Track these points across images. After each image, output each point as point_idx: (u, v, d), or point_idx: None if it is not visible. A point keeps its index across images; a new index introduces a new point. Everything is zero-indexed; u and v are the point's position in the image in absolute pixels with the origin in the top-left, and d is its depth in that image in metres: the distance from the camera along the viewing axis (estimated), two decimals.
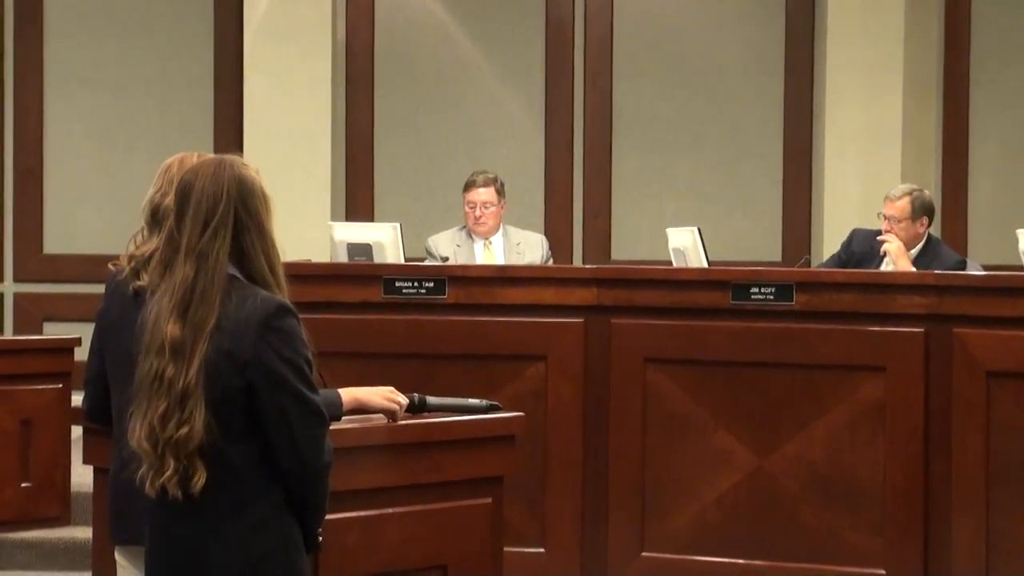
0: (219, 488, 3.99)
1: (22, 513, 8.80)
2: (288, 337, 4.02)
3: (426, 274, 8.26)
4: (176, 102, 12.15)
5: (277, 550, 4.05)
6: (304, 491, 4.10)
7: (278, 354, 3.99)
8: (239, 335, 3.98)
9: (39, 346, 9.37)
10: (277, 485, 4.05)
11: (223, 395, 3.97)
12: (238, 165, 4.12)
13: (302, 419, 4.03)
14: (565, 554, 8.02)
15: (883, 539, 7.68)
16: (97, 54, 12.31)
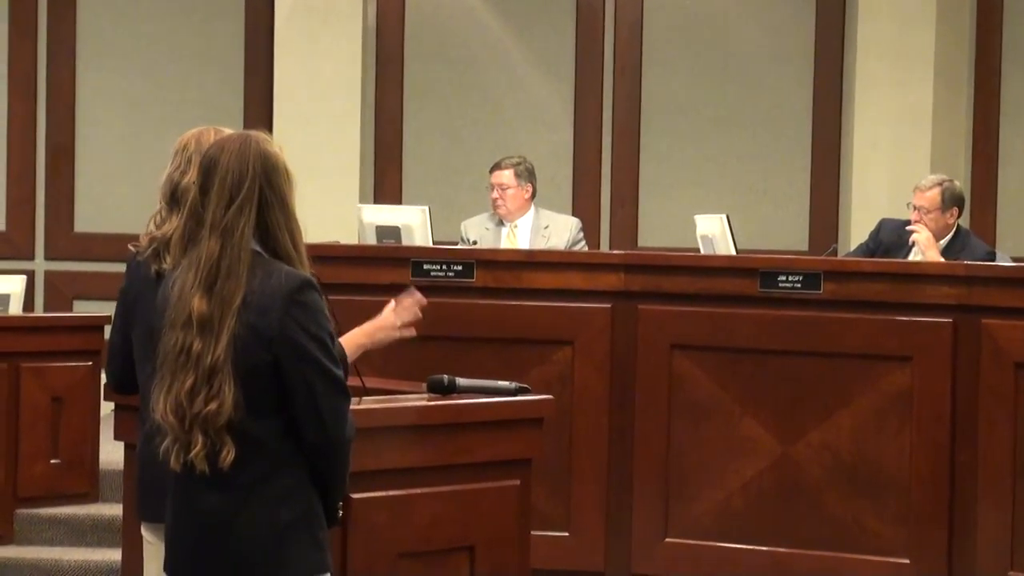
0: (245, 462, 4.03)
1: (51, 489, 8.86)
2: (313, 312, 4.06)
3: (454, 257, 8.27)
4: (207, 82, 12.19)
5: (300, 522, 4.08)
6: (327, 464, 4.12)
7: (304, 328, 4.03)
8: (265, 310, 4.01)
9: (70, 324, 9.47)
10: (300, 459, 4.08)
11: (250, 370, 4.01)
12: (262, 141, 4.16)
13: (327, 392, 4.06)
14: (589, 538, 8.04)
15: (907, 528, 7.69)
16: (129, 33, 12.35)
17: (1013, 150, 11.65)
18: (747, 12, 12.11)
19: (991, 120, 11.72)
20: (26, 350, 8.92)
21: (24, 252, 12.29)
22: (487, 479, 5.13)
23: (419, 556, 4.97)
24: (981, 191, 11.49)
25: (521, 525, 5.21)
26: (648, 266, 8.31)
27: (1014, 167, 11.65)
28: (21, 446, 8.80)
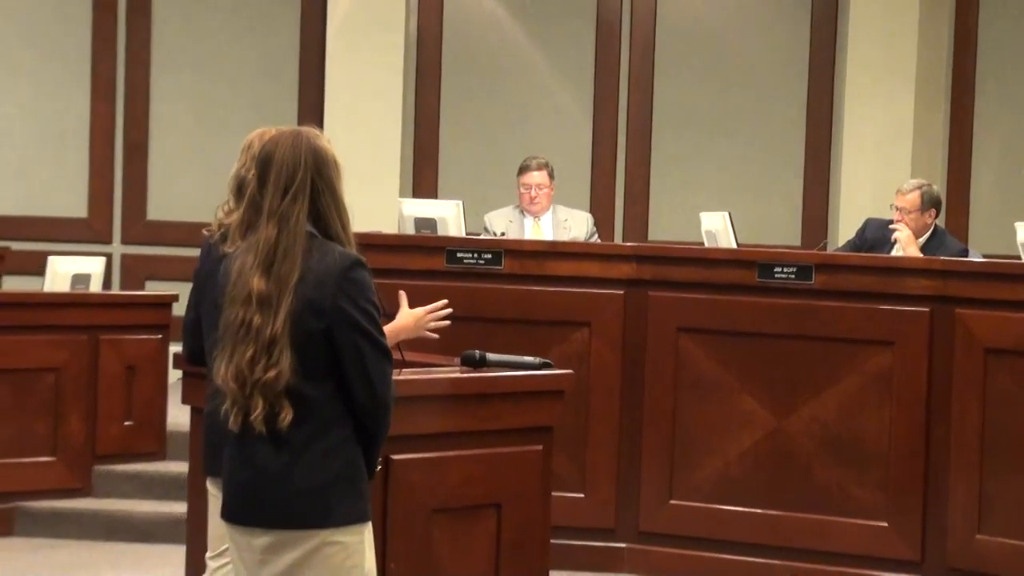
0: (299, 421, 4.03)
1: (124, 448, 8.90)
2: (362, 287, 4.06)
3: (485, 247, 8.29)
4: (265, 88, 12.20)
5: (345, 475, 4.08)
6: (372, 422, 4.12)
7: (354, 302, 4.03)
8: (320, 284, 4.02)
9: (142, 301, 9.47)
10: (347, 418, 4.08)
11: (306, 338, 4.01)
12: (313, 136, 4.16)
13: (375, 357, 4.07)
14: (602, 500, 8.06)
15: (887, 495, 7.68)
16: (197, 43, 12.36)
17: (985, 158, 11.63)
18: (748, 30, 12.09)
19: (965, 131, 11.69)
20: (104, 324, 8.94)
21: (103, 237, 12.31)
22: (513, 444, 5.14)
23: (451, 512, 4.97)
24: (956, 195, 11.46)
25: (543, 486, 5.22)
26: (657, 257, 8.31)
27: (986, 174, 11.62)
28: (99, 409, 8.84)
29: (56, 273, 9.17)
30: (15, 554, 8.12)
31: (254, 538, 4.12)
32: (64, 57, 12.40)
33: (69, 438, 8.72)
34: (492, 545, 5.07)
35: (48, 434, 8.67)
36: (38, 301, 8.94)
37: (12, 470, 8.55)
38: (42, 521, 8.52)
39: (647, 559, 8.01)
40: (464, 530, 5.01)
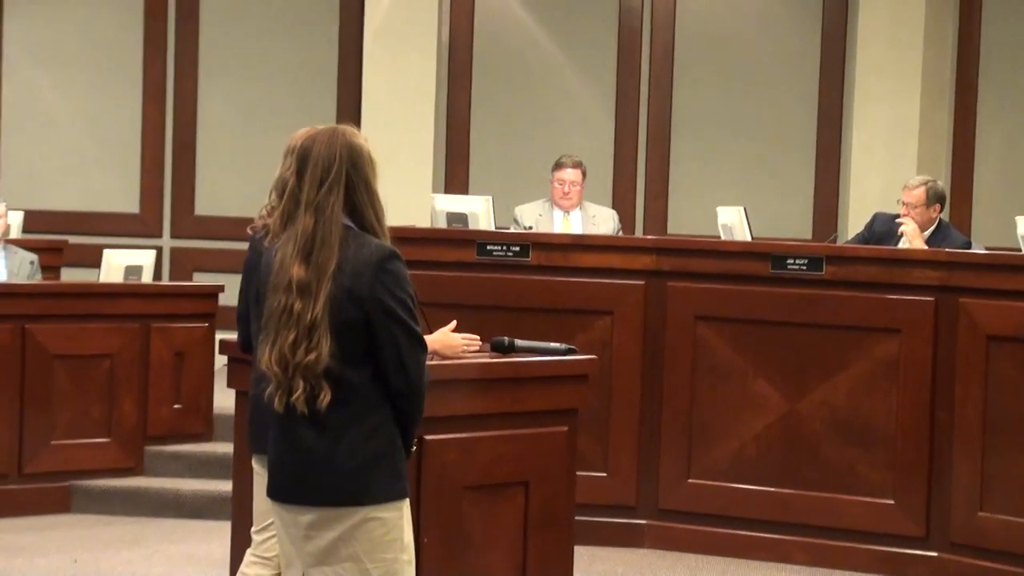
0: (339, 403, 4.03)
1: (173, 430, 8.93)
2: (398, 278, 4.06)
3: (513, 240, 8.29)
4: (306, 90, 12.22)
5: (384, 454, 4.08)
6: (408, 405, 4.12)
7: (390, 292, 4.03)
8: (358, 275, 4.01)
9: (190, 292, 9.49)
10: (385, 402, 4.08)
11: (344, 325, 4.01)
12: (349, 134, 4.17)
13: (409, 344, 4.07)
14: (623, 479, 8.06)
15: (893, 474, 7.68)
16: (242, 49, 12.39)
17: (987, 156, 11.59)
18: (762, 35, 12.07)
19: (968, 130, 11.66)
20: (154, 312, 8.97)
21: (153, 231, 12.35)
22: (540, 425, 5.14)
23: (482, 489, 4.98)
24: (959, 190, 11.43)
25: (568, 465, 5.22)
26: (676, 249, 8.32)
27: (988, 170, 11.58)
28: (149, 393, 8.86)
29: (110, 265, 9.20)
30: (71, 530, 8.15)
31: (299, 515, 4.13)
32: (117, 63, 12.44)
33: (122, 420, 8.76)
34: (520, 520, 5.08)
35: (103, 417, 8.71)
36: (94, 291, 8.98)
37: (69, 450, 8.59)
38: (96, 498, 8.55)
39: (666, 535, 8.01)
40: (494, 506, 5.02)
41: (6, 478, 8.42)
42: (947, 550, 7.55)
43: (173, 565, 7.40)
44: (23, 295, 8.71)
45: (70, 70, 12.48)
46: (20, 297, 8.66)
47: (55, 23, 12.48)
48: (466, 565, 4.93)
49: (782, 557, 7.78)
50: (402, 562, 4.14)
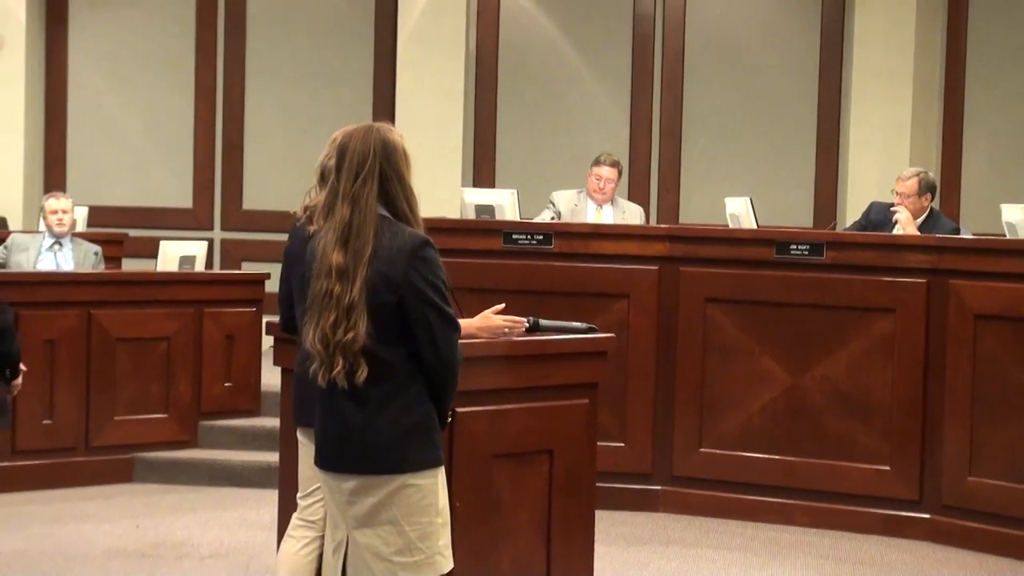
0: (377, 379, 4.03)
1: (225, 406, 8.96)
2: (430, 264, 4.06)
3: (537, 229, 8.29)
4: (345, 92, 12.24)
5: (419, 426, 4.09)
6: (441, 381, 4.12)
7: (423, 277, 4.03)
8: (392, 261, 4.01)
9: (239, 279, 9.52)
10: (420, 378, 4.09)
11: (380, 308, 4.01)
12: (385, 130, 4.16)
13: (441, 325, 4.07)
14: (640, 449, 8.06)
15: (889, 443, 7.67)
16: (286, 54, 12.43)
17: (974, 150, 11.57)
18: (767, 40, 12.05)
19: (956, 126, 11.64)
20: (207, 298, 8.99)
21: (205, 224, 12.40)
22: (563, 398, 5.12)
23: (510, 457, 4.97)
24: (949, 181, 11.41)
25: (589, 434, 5.21)
26: (688, 237, 8.31)
27: (974, 163, 11.56)
28: (203, 373, 8.89)
29: (166, 256, 9.23)
30: (133, 497, 8.19)
31: (343, 482, 4.14)
32: (171, 69, 12.48)
33: (178, 398, 8.79)
34: (545, 486, 5.07)
35: (161, 394, 8.74)
36: (152, 280, 8.99)
37: (131, 426, 8.62)
38: (156, 469, 8.59)
39: (680, 500, 8.01)
40: (521, 473, 5.01)
41: (74, 451, 8.45)
42: (939, 512, 7.55)
43: (226, 529, 7.43)
44: (88, 283, 8.75)
45: (129, 77, 12.53)
46: (86, 285, 8.70)
47: (115, 34, 12.53)
48: (495, 527, 4.93)
49: (787, 519, 7.78)
50: (437, 525, 4.15)
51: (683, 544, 7.37)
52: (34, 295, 8.33)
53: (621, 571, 6.72)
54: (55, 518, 7.60)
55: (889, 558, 7.19)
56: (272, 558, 5.19)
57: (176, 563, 6.78)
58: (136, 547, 7.04)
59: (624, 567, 6.81)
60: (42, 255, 9.32)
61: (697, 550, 7.25)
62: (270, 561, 5.43)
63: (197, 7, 12.51)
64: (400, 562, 4.11)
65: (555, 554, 5.10)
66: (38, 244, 9.37)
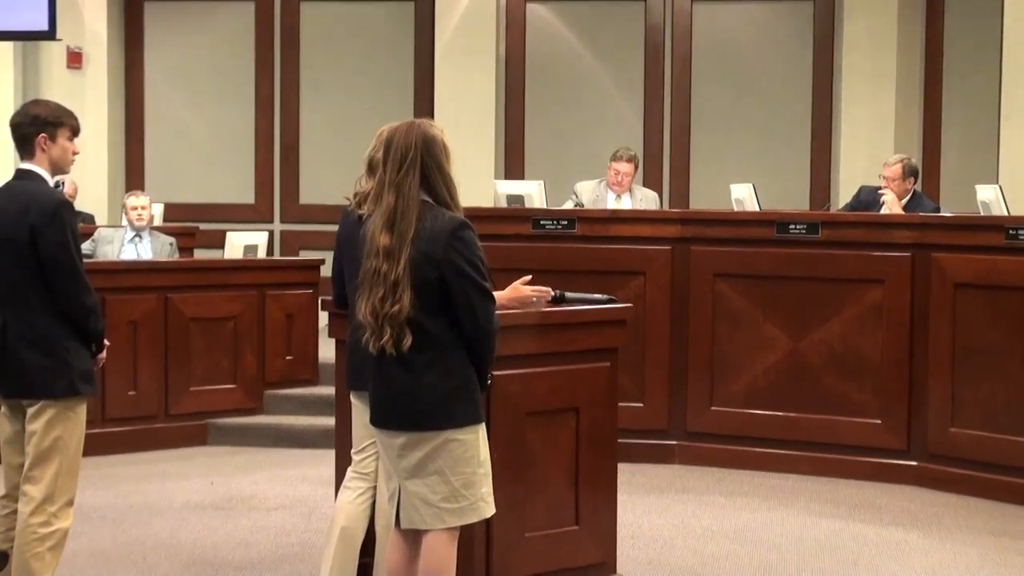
0: (421, 347, 4.05)
1: (286, 376, 8.97)
2: (468, 243, 4.07)
3: (562, 216, 8.28)
4: (387, 99, 12.21)
5: (462, 386, 4.10)
6: (480, 348, 4.13)
7: (461, 255, 4.04)
8: (434, 241, 4.03)
9: (297, 265, 9.53)
10: (461, 345, 4.10)
11: (423, 283, 4.03)
12: (426, 125, 4.18)
13: (479, 298, 4.08)
14: (656, 408, 8.05)
15: (879, 399, 7.64)
16: (335, 67, 12.42)
17: (950, 141, 11.50)
18: (764, 47, 11.99)
19: (935, 118, 11.56)
20: (268, 282, 9.00)
21: (266, 217, 12.41)
22: (587, 362, 5.12)
23: (540, 414, 4.98)
24: (929, 166, 11.34)
25: (611, 393, 5.21)
26: (697, 220, 8.29)
27: (951, 151, 11.48)
28: (266, 347, 8.90)
29: (232, 245, 9.24)
30: (208, 458, 8.22)
31: (394, 438, 4.16)
32: (234, 82, 12.51)
33: (245, 370, 8.80)
34: (572, 440, 5.08)
35: (230, 367, 8.75)
36: (220, 266, 9.02)
37: (204, 395, 8.64)
38: (227, 433, 8.61)
39: (693, 453, 8.00)
40: (551, 429, 5.02)
41: (155, 418, 8.48)
42: (925, 460, 7.52)
43: (289, 484, 7.44)
44: (165, 271, 8.77)
45: (197, 90, 12.56)
46: (162, 272, 8.72)
47: (185, 52, 12.56)
48: (529, 477, 4.94)
49: (789, 468, 7.75)
50: (479, 475, 4.16)
51: (697, 492, 7.35)
52: (118, 282, 8.34)
53: (642, 516, 6.71)
54: (140, 477, 7.64)
55: (881, 501, 7.17)
56: (330, 508, 5.20)
57: (246, 514, 6.79)
58: (211, 501, 7.07)
59: (644, 512, 6.80)
60: (124, 246, 9.34)
61: (710, 497, 7.23)
62: (329, 511, 5.44)
63: (256, 27, 12.51)
64: (447, 508, 4.13)
65: (582, 500, 5.11)
66: (121, 237, 9.39)
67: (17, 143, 4.80)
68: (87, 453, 4.98)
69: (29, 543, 4.62)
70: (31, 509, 4.64)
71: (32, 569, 4.62)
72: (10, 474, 4.79)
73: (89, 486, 6.95)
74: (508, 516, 4.78)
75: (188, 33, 12.56)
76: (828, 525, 6.63)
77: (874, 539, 6.39)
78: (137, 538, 6.30)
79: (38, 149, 4.75)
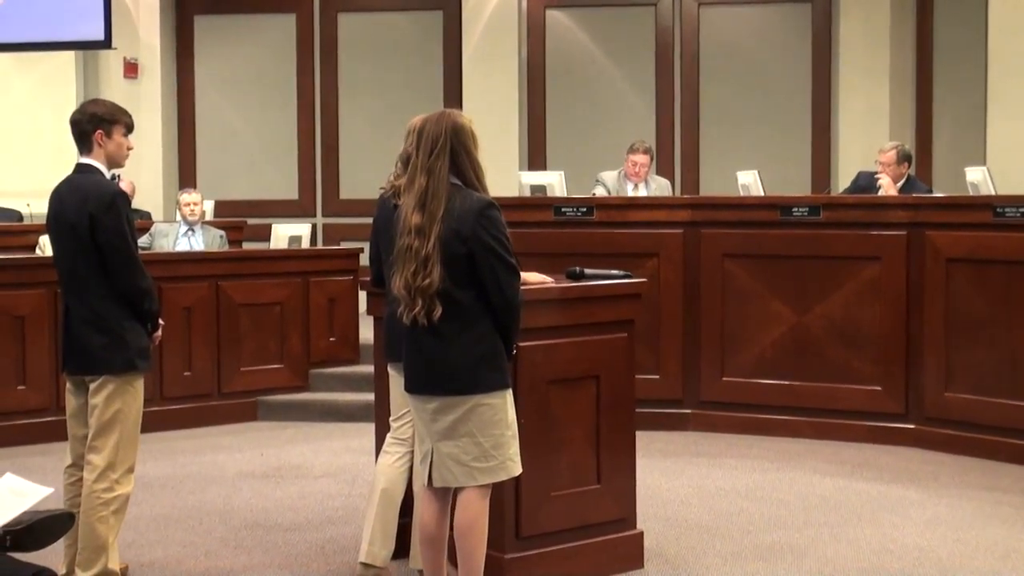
0: (451, 317, 4.04)
1: (330, 356, 8.96)
2: (494, 221, 4.06)
3: (581, 203, 8.26)
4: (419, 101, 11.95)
5: (489, 354, 4.10)
6: (506, 319, 4.12)
7: (488, 231, 4.04)
8: (463, 219, 4.02)
9: (338, 254, 9.46)
10: (488, 316, 4.09)
11: (453, 258, 4.02)
12: (456, 114, 4.19)
13: (505, 272, 4.07)
14: (672, 379, 8.03)
15: (879, 368, 7.60)
16: (370, 72, 12.43)
17: (941, 127, 11.41)
18: (767, 45, 11.93)
19: (927, 108, 11.48)
20: (312, 270, 8.99)
21: (309, 212, 12.41)
22: (606, 332, 5.07)
23: (563, 382, 4.93)
24: (922, 153, 11.25)
25: (628, 362, 5.15)
26: (707, 205, 8.27)
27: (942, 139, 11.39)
28: (311, 330, 8.89)
29: (278, 236, 9.25)
30: (258, 432, 8.23)
31: (427, 403, 4.15)
32: (278, 86, 12.52)
33: (292, 350, 8.80)
34: (593, 406, 5.04)
35: (277, 348, 8.75)
36: (267, 255, 9.03)
37: (254, 374, 8.64)
38: (276, 409, 8.61)
39: (706, 420, 7.97)
40: (573, 395, 4.98)
41: (209, 396, 8.48)
42: (922, 423, 7.48)
43: (334, 454, 7.45)
44: (216, 260, 8.77)
45: (244, 95, 12.58)
46: (214, 262, 8.72)
47: (233, 59, 12.58)
48: (554, 440, 4.91)
49: (795, 433, 7.72)
50: (507, 436, 4.16)
51: (710, 455, 7.32)
52: (173, 271, 8.36)
53: (659, 477, 6.69)
54: (195, 450, 7.65)
55: (881, 461, 7.13)
56: (371, 475, 5.18)
57: (295, 481, 6.80)
58: (262, 470, 7.07)
59: (661, 474, 6.77)
60: (179, 239, 9.35)
61: (722, 459, 7.20)
62: (370, 477, 5.43)
63: (297, 37, 12.51)
64: (478, 467, 4.12)
65: (603, 462, 5.07)
66: (175, 231, 9.41)
67: (77, 139, 4.81)
68: (147, 429, 4.99)
69: (94, 507, 4.63)
70: (95, 476, 4.65)
71: (97, 531, 4.63)
72: (75, 445, 4.81)
73: (149, 458, 6.97)
74: (534, 476, 4.76)
75: (235, 44, 12.57)
76: (832, 483, 6.59)
77: (875, 495, 6.35)
78: (194, 504, 6.31)
79: (95, 144, 4.76)
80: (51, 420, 7.57)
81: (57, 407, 7.51)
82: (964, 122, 11.08)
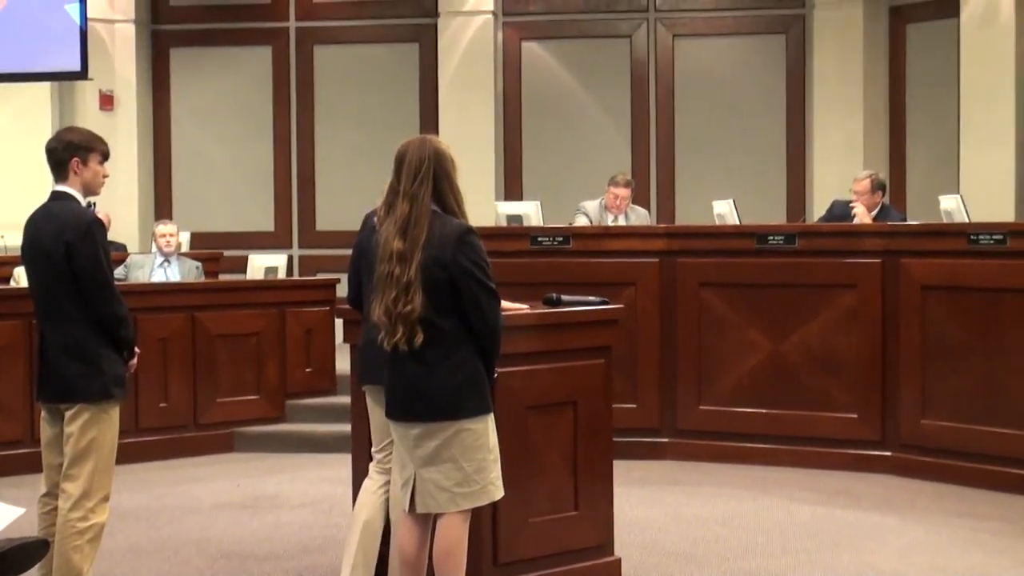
0: (433, 343, 4.04)
1: (306, 387, 8.92)
2: (474, 247, 4.07)
3: (558, 233, 8.27)
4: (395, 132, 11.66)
5: (471, 380, 4.09)
6: (487, 344, 4.12)
7: (468, 257, 4.05)
8: (443, 246, 4.03)
9: (315, 284, 9.41)
10: (469, 341, 4.09)
11: (434, 284, 4.02)
12: (436, 141, 4.21)
13: (486, 297, 4.08)
14: (649, 408, 8.01)
15: (855, 395, 7.61)
16: (347, 104, 12.45)
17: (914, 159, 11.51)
18: (741, 77, 12.01)
19: (900, 139, 11.58)
20: (288, 300, 8.95)
21: (285, 243, 12.38)
22: (583, 359, 5.08)
23: (540, 408, 4.94)
24: (896, 182, 11.33)
25: (606, 388, 5.17)
26: (683, 233, 8.28)
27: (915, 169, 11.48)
28: (288, 360, 8.84)
29: (254, 267, 9.23)
30: (235, 463, 8.18)
31: (409, 429, 4.15)
32: (254, 119, 12.53)
33: (268, 381, 8.76)
34: (571, 431, 5.04)
35: (253, 379, 8.70)
36: (243, 286, 8.99)
37: (231, 405, 8.60)
38: (252, 440, 8.57)
39: (684, 449, 7.96)
40: (551, 421, 4.98)
41: (185, 427, 8.44)
42: (899, 450, 7.49)
43: (310, 484, 7.41)
44: (192, 291, 8.74)
45: (220, 127, 12.58)
46: (190, 293, 8.69)
47: (209, 91, 12.59)
48: (532, 465, 4.90)
49: (773, 461, 7.71)
50: (489, 461, 4.16)
51: (688, 484, 7.32)
52: (149, 302, 8.32)
53: (637, 505, 6.68)
54: (171, 481, 7.60)
55: (858, 488, 7.13)
56: (348, 506, 5.17)
57: (271, 511, 6.76)
58: (237, 501, 7.03)
59: (639, 502, 6.76)
60: (154, 270, 9.33)
61: (700, 488, 7.20)
62: (347, 508, 5.41)
63: (273, 69, 12.54)
64: (460, 492, 4.12)
65: (581, 488, 5.07)
66: (151, 262, 9.38)
67: (52, 167, 4.80)
68: (123, 461, 4.96)
69: (69, 537, 4.59)
70: (70, 505, 4.61)
71: (72, 561, 4.59)
72: (50, 474, 4.78)
73: (125, 489, 6.92)
74: (512, 502, 4.74)
75: (211, 76, 12.58)
76: (810, 511, 6.59)
77: (853, 522, 6.35)
78: (170, 535, 6.27)
79: (71, 172, 4.75)
80: (26, 452, 7.51)
81: (32, 439, 7.48)
82: (937, 151, 11.17)
